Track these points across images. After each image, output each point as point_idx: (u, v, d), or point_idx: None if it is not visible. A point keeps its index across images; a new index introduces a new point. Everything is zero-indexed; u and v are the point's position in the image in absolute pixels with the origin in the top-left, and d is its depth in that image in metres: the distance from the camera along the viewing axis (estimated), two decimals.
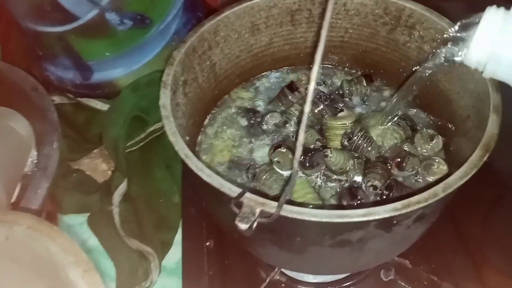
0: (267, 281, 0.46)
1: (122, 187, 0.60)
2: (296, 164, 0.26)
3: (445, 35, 0.41)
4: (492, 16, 0.30)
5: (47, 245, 0.27)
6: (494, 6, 0.31)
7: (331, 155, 0.41)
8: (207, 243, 0.50)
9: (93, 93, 0.67)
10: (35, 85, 0.51)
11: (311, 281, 0.47)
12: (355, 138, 0.43)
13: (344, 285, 0.47)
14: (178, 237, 0.57)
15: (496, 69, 0.31)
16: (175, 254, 0.56)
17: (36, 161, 0.51)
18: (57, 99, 0.65)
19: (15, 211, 0.39)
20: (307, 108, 0.24)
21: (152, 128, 0.62)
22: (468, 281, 0.46)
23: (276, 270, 0.47)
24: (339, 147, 0.43)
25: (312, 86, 0.23)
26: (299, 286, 0.47)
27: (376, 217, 0.29)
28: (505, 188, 0.58)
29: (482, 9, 0.33)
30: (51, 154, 0.44)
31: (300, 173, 0.42)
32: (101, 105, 0.67)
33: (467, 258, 0.49)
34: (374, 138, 0.43)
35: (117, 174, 0.61)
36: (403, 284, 0.47)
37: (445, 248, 0.50)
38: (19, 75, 0.52)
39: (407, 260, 0.46)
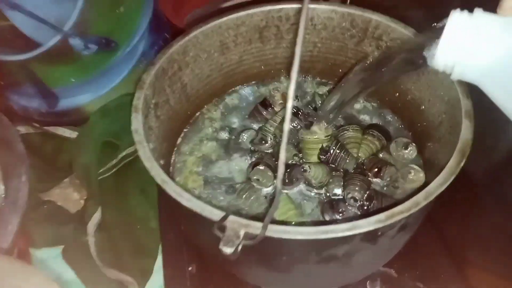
0: None
1: (97, 216, 0.58)
2: (279, 184, 0.25)
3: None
4: (457, 19, 0.31)
5: (21, 287, 0.25)
6: (458, 10, 0.32)
7: (309, 169, 0.41)
8: (189, 268, 0.49)
9: (60, 120, 0.65)
10: None
11: None
12: (332, 151, 0.43)
13: None
14: (159, 263, 0.55)
15: (463, 71, 0.32)
16: (156, 281, 0.54)
17: (3, 195, 0.49)
18: (22, 129, 0.63)
19: None
20: (286, 126, 0.24)
21: (124, 153, 0.61)
22: (453, 283, 0.46)
23: None
24: (317, 161, 0.43)
25: (290, 104, 0.23)
26: None
27: (361, 231, 0.29)
28: (479, 187, 0.60)
29: (440, 16, 0.34)
30: (20, 188, 0.42)
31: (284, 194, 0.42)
32: (69, 133, 0.65)
33: (450, 260, 0.49)
34: (350, 148, 0.43)
35: (91, 203, 0.59)
36: None
37: (428, 253, 0.50)
38: None
39: (392, 269, 0.46)
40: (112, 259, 0.56)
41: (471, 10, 0.32)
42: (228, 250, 0.29)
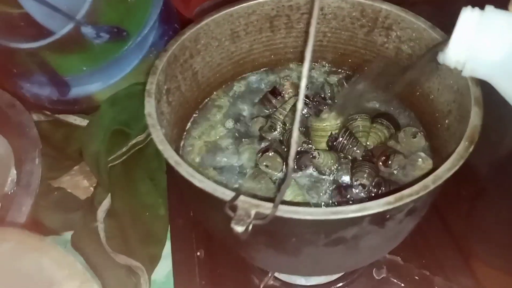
0: (261, 286, 0.46)
1: (106, 203, 0.59)
2: (291, 162, 0.26)
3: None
4: (468, 16, 0.32)
5: (38, 260, 0.26)
6: (469, 7, 0.32)
7: (318, 156, 0.41)
8: (198, 253, 0.50)
9: (71, 109, 0.66)
10: (11, 102, 0.50)
11: (304, 284, 0.47)
12: (341, 139, 0.43)
13: (337, 285, 0.47)
14: (166, 250, 0.56)
15: (474, 68, 0.33)
16: (164, 267, 0.55)
17: (16, 180, 0.50)
18: (34, 116, 0.64)
19: (2, 226, 0.38)
20: (300, 105, 0.24)
21: (134, 141, 0.62)
22: (458, 275, 0.47)
23: (269, 275, 0.47)
24: (325, 148, 0.44)
25: (303, 83, 0.24)
26: None
27: (370, 212, 0.30)
28: (485, 181, 0.60)
29: (448, 13, 0.35)
30: (34, 171, 0.43)
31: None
32: (79, 121, 0.66)
33: (456, 252, 0.50)
34: (359, 136, 0.44)
35: (100, 190, 0.60)
36: (395, 281, 0.47)
37: (435, 244, 0.51)
38: None
39: (398, 257, 0.47)
40: (121, 245, 0.56)
41: (481, 7, 0.33)
42: (239, 228, 0.29)
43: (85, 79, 0.64)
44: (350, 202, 0.40)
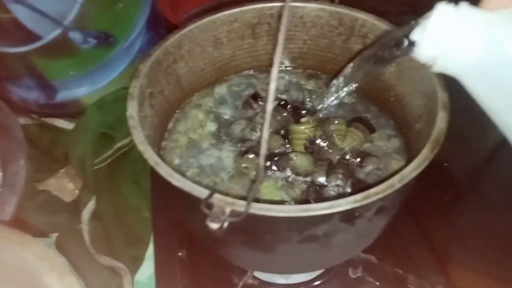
0: (240, 285, 0.47)
1: (91, 205, 0.60)
2: (262, 161, 0.27)
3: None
4: (442, 12, 0.31)
5: (20, 254, 0.27)
6: (444, 2, 0.31)
7: (295, 158, 0.43)
8: (179, 253, 0.51)
9: (57, 112, 0.67)
10: None
11: (282, 282, 0.49)
12: (318, 141, 0.45)
13: (315, 284, 0.49)
14: (150, 251, 0.57)
15: (445, 63, 0.32)
16: (147, 268, 0.56)
17: (1, 182, 0.51)
18: (21, 120, 0.65)
19: None
20: (269, 106, 0.26)
21: (119, 144, 0.63)
22: (430, 273, 0.48)
23: (248, 274, 0.48)
24: (303, 151, 0.45)
25: (272, 86, 0.25)
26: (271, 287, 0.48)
27: (339, 209, 0.31)
28: (461, 186, 0.62)
29: (423, 12, 0.35)
30: (18, 172, 0.44)
31: (267, 176, 0.44)
32: (66, 124, 0.67)
33: (431, 253, 0.51)
34: (336, 140, 0.45)
35: (85, 192, 0.61)
36: (370, 280, 0.49)
37: (409, 244, 0.52)
38: None
39: (373, 256, 0.49)
40: (105, 246, 0.57)
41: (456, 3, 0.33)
42: (214, 225, 0.30)
43: (72, 83, 0.65)
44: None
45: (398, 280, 0.48)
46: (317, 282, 0.49)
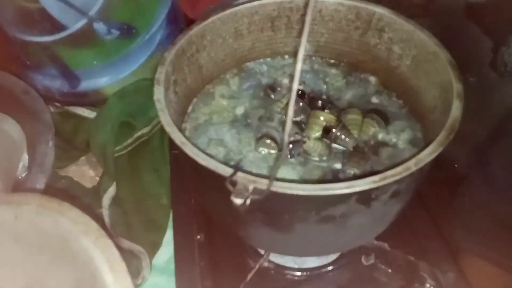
0: (256, 268, 0.49)
1: (111, 191, 0.62)
2: (286, 138, 0.29)
3: None
4: None
5: (56, 220, 0.29)
6: None
7: (309, 141, 0.45)
8: (198, 237, 0.53)
9: (80, 101, 0.69)
10: (26, 89, 0.53)
11: (297, 267, 0.50)
12: (334, 130, 0.46)
13: (328, 269, 0.50)
14: (167, 237, 0.59)
15: None
16: (164, 253, 0.58)
17: (27, 165, 0.53)
18: None
19: (22, 192, 0.41)
20: (295, 85, 0.28)
21: (139, 133, 0.65)
22: (443, 261, 0.49)
23: (264, 257, 0.50)
24: (319, 136, 0.47)
25: (299, 65, 0.27)
26: (286, 271, 0.50)
27: (357, 189, 0.33)
28: (467, 171, 0.62)
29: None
30: (47, 152, 0.46)
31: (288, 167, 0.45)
32: (88, 113, 0.69)
33: (441, 241, 0.52)
34: (352, 129, 0.47)
35: (106, 179, 0.63)
36: (383, 267, 0.50)
37: (420, 234, 0.53)
38: (10, 80, 0.54)
39: (385, 244, 0.50)
40: (124, 231, 0.59)
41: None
42: (238, 201, 0.32)
43: (95, 73, 0.67)
44: None
45: (410, 268, 0.49)
46: (330, 267, 0.50)
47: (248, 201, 0.33)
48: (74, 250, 0.28)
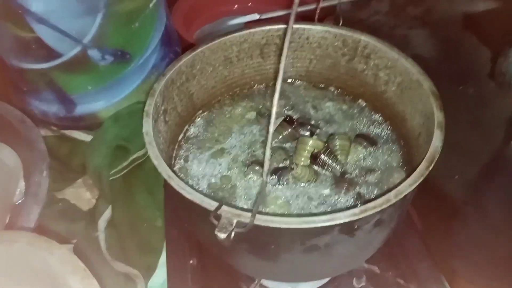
0: None
1: (107, 214, 0.63)
2: (265, 177, 0.30)
3: None
4: None
5: (45, 258, 0.30)
6: None
7: (296, 167, 0.45)
8: (191, 261, 0.53)
9: (76, 125, 0.70)
10: (22, 118, 0.54)
11: None
12: (322, 156, 0.47)
13: None
14: (162, 259, 0.60)
15: None
16: (160, 276, 0.58)
17: (24, 191, 0.54)
18: (41, 132, 0.68)
19: (12, 230, 0.42)
20: (271, 128, 0.29)
21: (134, 156, 0.66)
22: (433, 285, 0.50)
23: (256, 282, 0.50)
24: (307, 161, 0.47)
25: (274, 110, 0.28)
26: None
27: (338, 222, 0.34)
28: (461, 201, 0.63)
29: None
30: (41, 182, 0.47)
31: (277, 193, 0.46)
32: (84, 136, 0.70)
33: (432, 265, 0.53)
34: (339, 155, 0.48)
35: (102, 201, 0.64)
36: None
37: (412, 257, 0.54)
38: (6, 109, 0.55)
39: (376, 267, 0.51)
40: (120, 253, 0.60)
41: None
42: (222, 235, 0.33)
43: (90, 97, 0.69)
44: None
45: None
46: None
47: (232, 235, 0.33)
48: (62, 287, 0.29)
